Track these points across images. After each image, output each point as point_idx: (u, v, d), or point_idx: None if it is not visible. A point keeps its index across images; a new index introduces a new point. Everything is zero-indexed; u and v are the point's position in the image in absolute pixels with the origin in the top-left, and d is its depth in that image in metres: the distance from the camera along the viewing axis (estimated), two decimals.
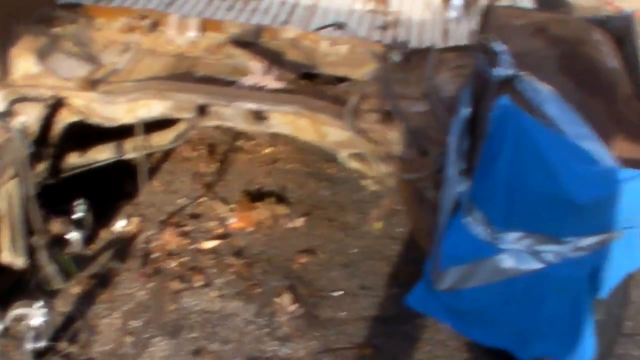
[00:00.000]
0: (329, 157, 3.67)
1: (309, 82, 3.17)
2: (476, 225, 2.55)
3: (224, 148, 4.74)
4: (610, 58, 2.76)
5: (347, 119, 2.86)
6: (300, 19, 3.50)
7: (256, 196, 4.35)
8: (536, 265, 2.53)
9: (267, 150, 4.72)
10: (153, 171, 4.46)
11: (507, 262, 2.53)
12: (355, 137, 2.88)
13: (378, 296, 3.76)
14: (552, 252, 2.52)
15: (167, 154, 4.59)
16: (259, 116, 3.06)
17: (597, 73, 2.68)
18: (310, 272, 3.90)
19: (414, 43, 3.33)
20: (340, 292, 3.78)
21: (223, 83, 3.08)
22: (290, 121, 3.04)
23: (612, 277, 2.66)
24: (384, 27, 3.53)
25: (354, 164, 3.13)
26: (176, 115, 3.14)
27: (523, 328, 2.69)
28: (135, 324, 3.52)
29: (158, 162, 4.56)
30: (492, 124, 2.46)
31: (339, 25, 3.33)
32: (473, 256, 2.56)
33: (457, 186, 2.60)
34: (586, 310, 2.61)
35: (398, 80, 3.04)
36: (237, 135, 4.72)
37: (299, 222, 4.20)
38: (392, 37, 3.38)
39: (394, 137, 2.87)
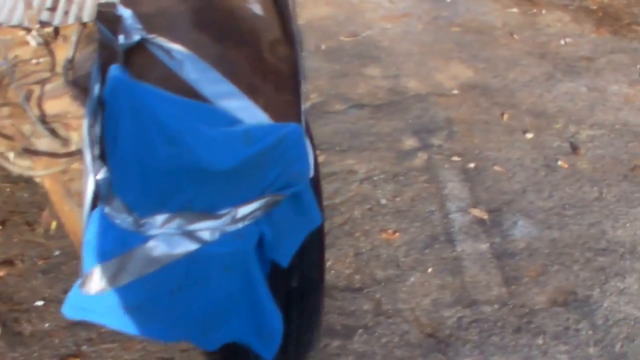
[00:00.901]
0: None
1: None
2: (117, 214, 2.28)
3: None
4: (253, 5, 2.53)
5: None
6: None
7: None
8: (192, 246, 2.28)
9: None
10: None
11: (158, 249, 2.26)
12: None
13: None
14: (207, 229, 2.27)
15: None
16: None
17: (238, 22, 2.44)
18: (9, 285, 3.53)
19: (86, 19, 3.00)
20: (42, 302, 3.45)
21: None
22: None
23: (288, 243, 2.46)
24: (53, 8, 3.18)
25: (21, 163, 2.81)
26: None
27: (199, 316, 2.44)
28: None
29: None
30: (107, 99, 2.20)
31: None
32: (119, 249, 2.28)
33: (94, 174, 2.32)
34: (261, 283, 2.39)
35: (36, 64, 2.73)
36: None
37: None
38: (58, 18, 3.02)
39: (29, 130, 2.56)
